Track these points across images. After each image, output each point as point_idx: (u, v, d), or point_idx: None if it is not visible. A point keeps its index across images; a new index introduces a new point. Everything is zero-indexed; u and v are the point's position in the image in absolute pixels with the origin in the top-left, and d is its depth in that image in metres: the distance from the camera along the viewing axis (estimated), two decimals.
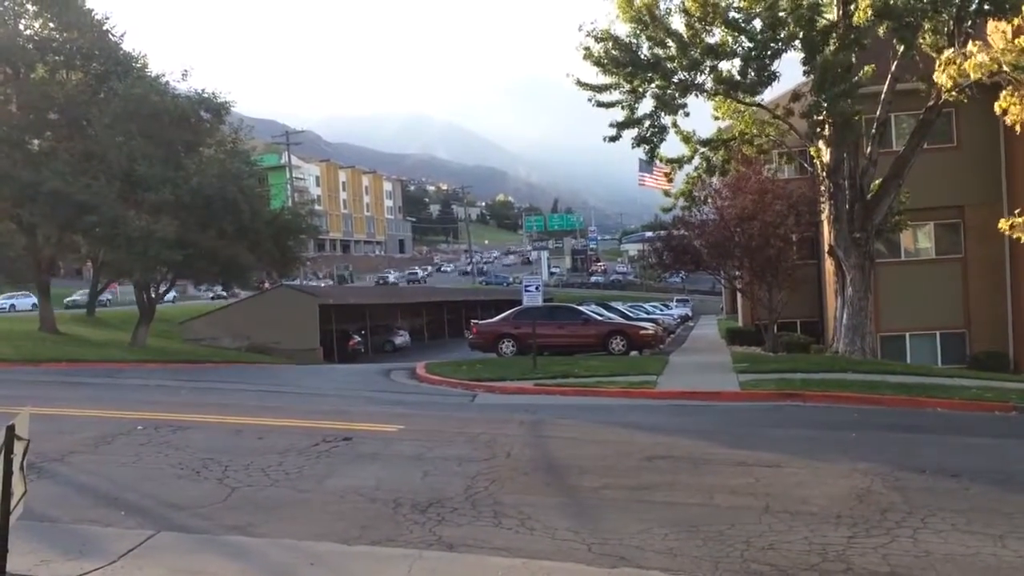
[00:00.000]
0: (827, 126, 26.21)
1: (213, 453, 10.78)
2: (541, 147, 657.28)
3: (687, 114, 27.02)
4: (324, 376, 25.91)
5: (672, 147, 29.54)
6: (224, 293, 69.38)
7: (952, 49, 14.17)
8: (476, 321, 34.61)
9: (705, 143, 29.84)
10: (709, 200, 32.72)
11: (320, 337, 45.89)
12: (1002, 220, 15.27)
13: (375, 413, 15.10)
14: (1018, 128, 14.04)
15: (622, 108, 27.04)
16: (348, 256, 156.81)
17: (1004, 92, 13.90)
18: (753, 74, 25.49)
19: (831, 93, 24.03)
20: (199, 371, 27.78)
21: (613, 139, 27.39)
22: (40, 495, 8.25)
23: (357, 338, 53.39)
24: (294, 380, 23.97)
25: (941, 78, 13.98)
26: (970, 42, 14.16)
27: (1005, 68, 13.24)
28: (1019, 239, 15.31)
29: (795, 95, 27.14)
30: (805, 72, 25.31)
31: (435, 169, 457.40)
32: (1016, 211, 15.97)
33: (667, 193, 31.67)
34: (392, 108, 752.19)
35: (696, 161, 30.23)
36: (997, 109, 13.88)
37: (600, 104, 26.97)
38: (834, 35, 24.59)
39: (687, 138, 29.47)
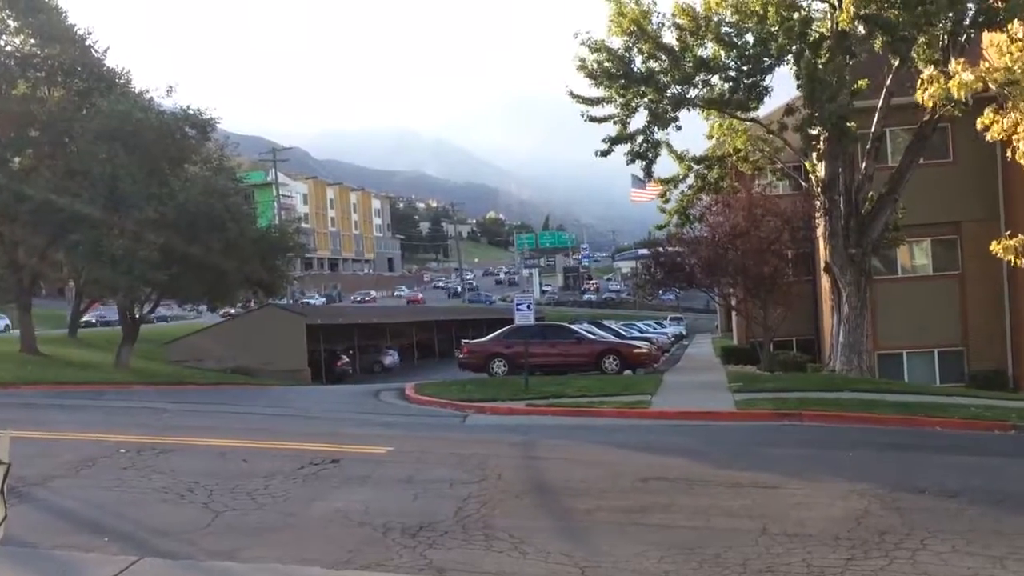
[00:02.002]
0: (821, 140, 26.35)
1: (198, 476, 10.73)
2: (532, 164, 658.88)
3: (679, 127, 27.17)
4: (311, 397, 25.82)
5: (664, 166, 29.69)
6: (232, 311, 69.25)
7: (932, 67, 14.23)
8: (466, 340, 34.55)
9: (699, 160, 29.98)
10: (702, 218, 32.80)
11: (308, 357, 45.77)
12: (994, 242, 15.32)
13: (363, 435, 15.06)
14: (1009, 154, 14.13)
15: (614, 123, 27.17)
16: (336, 275, 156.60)
17: (988, 109, 13.97)
18: (744, 90, 25.66)
19: (823, 102, 24.14)
20: (183, 393, 27.66)
21: (605, 154, 27.48)
22: (20, 520, 8.19)
23: (345, 358, 53.26)
24: (281, 401, 23.89)
25: (922, 98, 14.03)
26: (952, 61, 14.24)
27: (992, 86, 13.31)
28: (1011, 262, 15.34)
29: (789, 109, 27.32)
30: (799, 86, 25.48)
31: (425, 186, 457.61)
32: (1007, 233, 16.04)
33: (662, 209, 31.75)
34: (381, 125, 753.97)
35: (690, 179, 30.38)
36: (979, 125, 13.95)
37: (592, 119, 27.10)
38: (825, 45, 24.75)
39: (680, 157, 29.60)
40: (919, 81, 14.04)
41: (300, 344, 45.09)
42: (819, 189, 27.59)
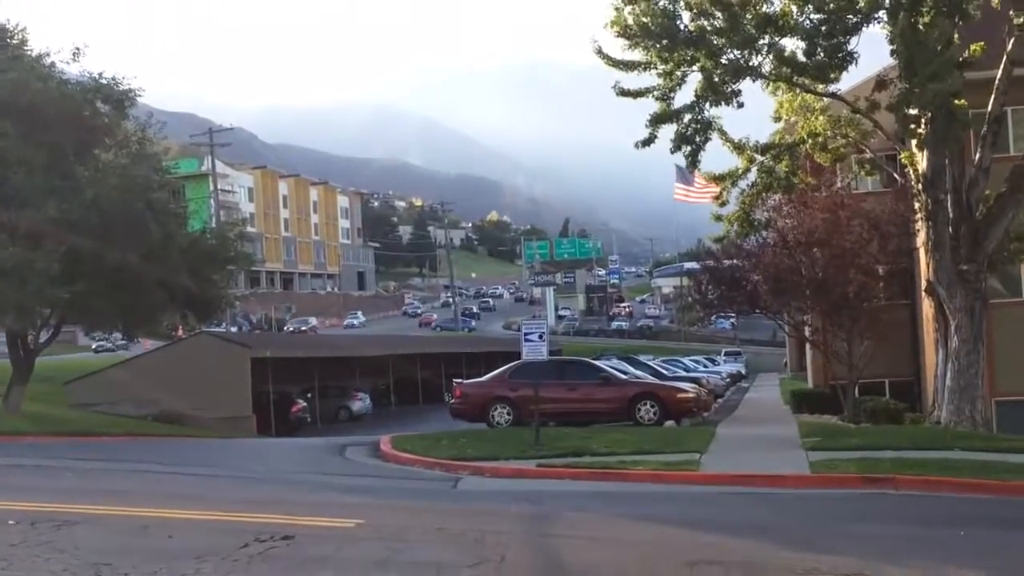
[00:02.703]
0: (923, 122, 26.25)
1: (109, 556, 10.71)
2: (546, 151, 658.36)
3: (740, 104, 27.08)
4: (258, 453, 25.81)
5: (717, 159, 29.60)
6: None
7: None
8: (459, 381, 34.51)
9: (764, 150, 29.90)
10: (770, 223, 32.71)
11: (253, 401, 45.73)
12: None
13: (325, 503, 15.03)
14: None
15: (654, 98, 27.13)
16: (290, 294, 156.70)
17: None
18: (823, 54, 25.63)
19: (924, 77, 24.08)
20: (92, 447, 27.66)
21: (647, 142, 27.48)
22: None
23: (302, 403, 53.21)
24: (217, 459, 23.87)
25: None
26: None
27: None
28: None
29: (880, 82, 27.19)
30: (892, 52, 25.43)
31: (407, 179, 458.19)
32: None
33: (718, 217, 31.74)
34: (350, 99, 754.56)
35: (752, 175, 30.30)
36: None
37: (625, 92, 27.08)
38: (928, 1, 24.68)
39: (740, 147, 29.51)
40: None
41: (243, 384, 45.04)
42: (919, 186, 27.52)
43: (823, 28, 25.56)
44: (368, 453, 24.02)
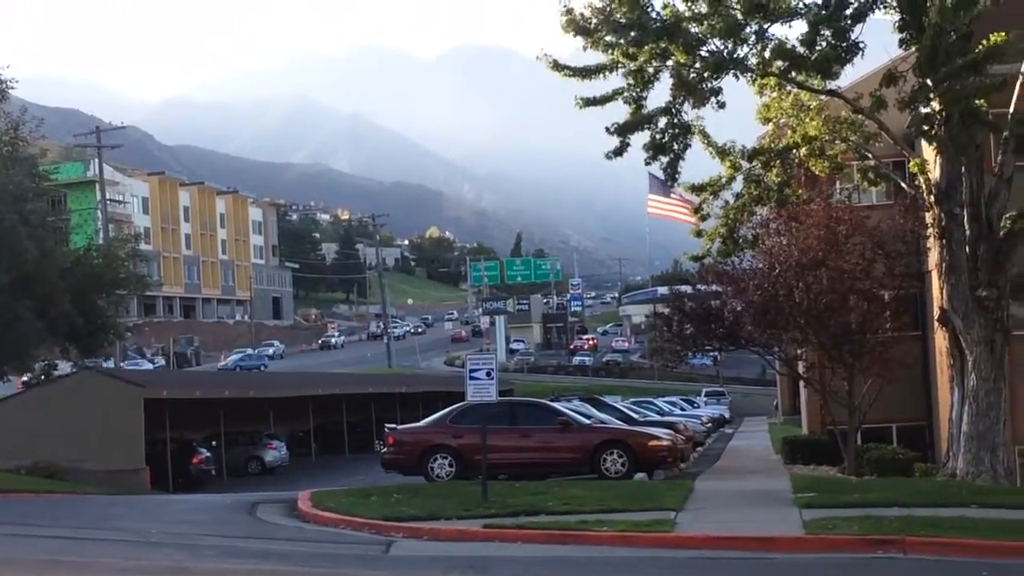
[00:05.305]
0: (938, 124, 26.40)
1: None
2: (496, 155, 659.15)
3: (721, 104, 27.25)
4: (150, 512, 25.60)
5: (700, 167, 29.73)
6: None
7: None
8: (392, 426, 34.37)
9: (751, 156, 30.05)
10: (756, 242, 32.83)
11: (147, 451, 45.33)
12: None
13: (231, 572, 14.92)
14: None
15: (624, 101, 27.29)
16: (192, 323, 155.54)
17: None
18: (826, 44, 25.82)
19: (947, 71, 24.27)
20: None
21: (617, 152, 27.67)
22: None
23: (205, 452, 52.80)
24: (102, 518, 23.66)
25: None
26: None
27: None
28: None
29: (889, 77, 27.31)
30: (903, 41, 25.66)
31: (331, 188, 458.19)
32: None
33: (698, 233, 31.85)
34: (263, 92, 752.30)
35: (738, 185, 30.44)
36: None
37: (590, 102, 27.29)
38: None
39: (723, 152, 29.67)
40: None
41: (135, 430, 44.56)
42: (931, 198, 27.71)
43: (824, 12, 25.73)
44: (284, 512, 23.89)
